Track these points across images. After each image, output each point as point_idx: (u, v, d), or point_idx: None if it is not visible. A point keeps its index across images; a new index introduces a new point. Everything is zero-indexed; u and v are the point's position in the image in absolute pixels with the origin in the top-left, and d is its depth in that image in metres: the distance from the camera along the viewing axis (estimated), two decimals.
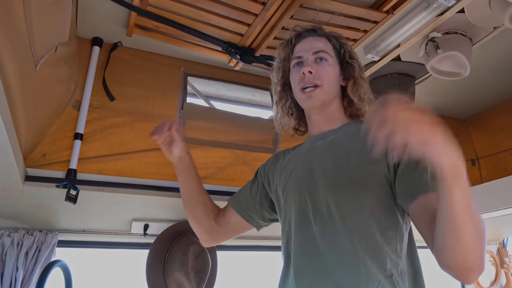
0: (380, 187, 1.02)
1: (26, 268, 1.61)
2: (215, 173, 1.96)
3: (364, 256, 0.96)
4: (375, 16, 1.65)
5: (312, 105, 1.18)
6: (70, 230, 1.83)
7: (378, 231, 0.99)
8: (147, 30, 1.76)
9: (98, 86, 1.82)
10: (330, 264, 0.98)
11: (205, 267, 1.84)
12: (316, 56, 1.18)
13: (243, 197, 1.36)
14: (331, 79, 1.17)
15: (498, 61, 2.23)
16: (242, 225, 1.34)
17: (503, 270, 3.09)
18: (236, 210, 1.34)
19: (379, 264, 0.96)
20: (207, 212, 1.32)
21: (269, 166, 1.35)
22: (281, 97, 1.31)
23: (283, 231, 1.18)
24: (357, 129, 1.16)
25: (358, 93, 1.20)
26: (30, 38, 1.08)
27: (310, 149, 1.21)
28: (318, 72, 1.15)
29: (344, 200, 1.03)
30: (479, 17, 1.68)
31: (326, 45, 1.22)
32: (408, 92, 2.19)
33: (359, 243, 0.97)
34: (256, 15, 1.61)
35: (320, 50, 1.19)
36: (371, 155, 1.03)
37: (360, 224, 1.00)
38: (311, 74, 1.15)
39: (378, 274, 0.94)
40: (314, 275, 1.00)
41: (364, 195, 1.02)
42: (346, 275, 0.96)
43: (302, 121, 1.33)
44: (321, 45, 1.21)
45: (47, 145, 1.64)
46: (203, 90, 2.27)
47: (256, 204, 1.33)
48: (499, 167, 2.76)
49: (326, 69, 1.17)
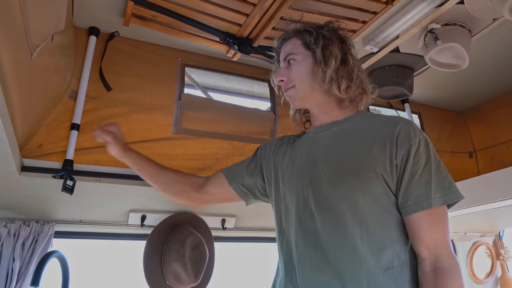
0: (381, 181, 1.02)
1: (22, 258, 1.61)
2: (213, 164, 1.96)
3: (364, 247, 0.97)
4: (374, 6, 1.64)
5: (293, 104, 1.23)
6: (67, 221, 1.83)
7: (380, 224, 1.00)
8: (144, 20, 1.74)
9: (94, 76, 1.80)
10: (331, 256, 0.99)
11: (202, 258, 1.84)
12: (286, 62, 1.22)
13: (238, 171, 1.37)
14: (301, 76, 1.18)
15: (496, 53, 2.22)
16: (229, 195, 1.37)
17: (499, 261, 3.11)
18: (228, 182, 1.35)
19: (380, 256, 0.97)
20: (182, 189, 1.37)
21: (271, 149, 1.34)
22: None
23: (279, 219, 1.17)
24: (363, 122, 1.14)
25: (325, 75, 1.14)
26: (25, 26, 1.06)
27: (313, 139, 1.20)
28: (289, 76, 1.19)
29: (347, 192, 1.03)
30: (478, 8, 1.67)
31: (293, 45, 1.22)
32: (406, 84, 2.19)
33: (361, 235, 0.98)
34: (254, 5, 1.60)
35: (287, 54, 1.22)
36: (374, 151, 1.04)
37: (362, 216, 1.00)
38: (284, 82, 1.20)
39: (378, 266, 0.96)
40: (317, 266, 1.01)
41: (367, 188, 1.01)
42: (347, 266, 0.97)
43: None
44: (288, 48, 1.22)
45: (44, 135, 1.63)
46: (200, 81, 2.25)
47: (250, 180, 1.34)
48: (496, 160, 2.76)
49: (295, 69, 1.19)
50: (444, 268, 0.94)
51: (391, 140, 1.03)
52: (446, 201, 0.99)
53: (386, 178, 1.02)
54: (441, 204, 0.98)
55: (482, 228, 3.01)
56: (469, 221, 2.63)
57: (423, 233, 0.97)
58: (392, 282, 0.95)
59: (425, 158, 1.01)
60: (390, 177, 1.02)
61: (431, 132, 2.77)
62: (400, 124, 1.05)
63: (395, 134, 1.03)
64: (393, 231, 1.01)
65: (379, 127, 1.08)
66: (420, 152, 1.01)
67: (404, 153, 1.01)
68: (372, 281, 0.94)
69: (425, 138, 1.04)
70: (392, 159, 1.02)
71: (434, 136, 2.78)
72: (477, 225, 2.89)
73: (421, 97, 2.75)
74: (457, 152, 2.86)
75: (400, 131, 1.03)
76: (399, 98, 2.32)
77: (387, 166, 1.02)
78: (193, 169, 1.90)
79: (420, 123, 2.75)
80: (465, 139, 2.95)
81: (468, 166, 2.87)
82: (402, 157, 1.01)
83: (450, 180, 1.02)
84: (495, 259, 3.13)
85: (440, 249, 0.96)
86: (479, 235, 3.06)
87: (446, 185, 1.00)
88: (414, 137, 1.02)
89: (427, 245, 0.97)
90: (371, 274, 0.95)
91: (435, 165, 1.02)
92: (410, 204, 1.00)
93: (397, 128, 1.04)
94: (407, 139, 1.02)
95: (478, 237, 3.06)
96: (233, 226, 2.15)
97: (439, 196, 0.99)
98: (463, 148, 2.91)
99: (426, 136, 1.05)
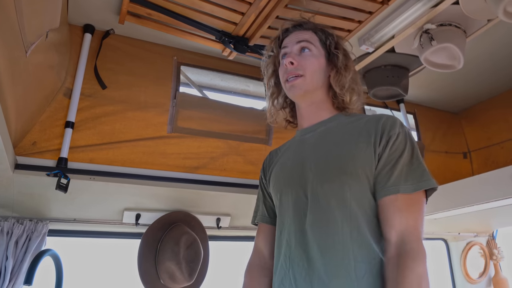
0: (369, 177, 1.05)
1: (16, 257, 1.60)
2: (208, 163, 1.96)
3: (354, 243, 0.98)
4: (370, 6, 1.64)
5: (294, 94, 1.20)
6: (61, 219, 1.82)
7: (369, 219, 1.02)
8: (140, 18, 1.74)
9: (89, 74, 1.79)
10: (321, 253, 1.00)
11: (196, 257, 1.84)
12: (300, 45, 1.21)
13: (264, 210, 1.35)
14: (314, 69, 1.19)
15: (491, 54, 2.23)
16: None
17: (492, 261, 3.13)
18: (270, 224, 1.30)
19: (369, 251, 0.98)
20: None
21: (266, 168, 1.36)
22: (273, 91, 1.35)
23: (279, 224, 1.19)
24: (347, 121, 1.18)
25: (341, 83, 1.21)
26: (19, 23, 1.05)
27: (300, 142, 1.23)
28: (301, 63, 1.18)
29: (336, 190, 1.05)
30: (473, 9, 1.68)
31: (312, 37, 1.24)
32: (402, 84, 2.19)
33: (350, 231, 1.00)
34: (250, 4, 1.60)
35: (303, 40, 1.22)
36: (361, 145, 1.06)
37: (351, 212, 1.01)
38: (293, 65, 1.18)
39: (366, 261, 0.97)
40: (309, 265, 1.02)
41: (355, 185, 1.04)
42: (336, 263, 0.98)
43: (295, 113, 1.35)
44: (306, 36, 1.23)
45: (38, 133, 1.62)
46: (196, 79, 2.25)
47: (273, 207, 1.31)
48: (490, 160, 2.78)
49: (309, 60, 1.19)
50: (408, 252, 0.94)
51: (375, 134, 1.07)
52: (416, 188, 1.00)
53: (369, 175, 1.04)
54: (411, 191, 1.00)
55: (476, 228, 3.02)
56: (463, 221, 2.64)
57: (392, 217, 0.99)
58: (379, 278, 0.96)
59: (401, 148, 1.04)
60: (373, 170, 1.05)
61: (426, 132, 2.78)
62: (383, 118, 1.10)
63: (379, 128, 1.07)
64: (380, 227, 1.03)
65: (363, 124, 1.12)
66: (398, 142, 1.05)
67: (384, 143, 1.05)
68: (360, 276, 0.95)
69: (405, 130, 1.08)
70: (376, 151, 1.05)
71: (429, 136, 2.80)
72: (471, 225, 2.90)
73: (416, 97, 2.76)
74: (451, 152, 2.87)
75: (383, 124, 1.08)
76: (394, 98, 2.32)
77: (373, 159, 1.05)
78: (188, 167, 1.90)
79: (415, 123, 2.76)
80: (460, 139, 2.97)
81: (462, 166, 2.88)
82: (382, 147, 1.05)
83: (423, 169, 1.04)
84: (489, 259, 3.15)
85: (408, 235, 0.96)
86: (473, 235, 3.08)
87: (418, 173, 1.02)
88: (394, 129, 1.07)
89: (395, 229, 0.98)
90: (358, 269, 0.96)
91: (409, 155, 1.04)
92: (381, 188, 1.02)
93: (380, 122, 1.09)
94: (388, 130, 1.06)
95: (472, 237, 3.08)
96: (228, 225, 2.14)
97: (410, 183, 1.01)
98: (457, 149, 2.92)
99: (407, 130, 1.09)
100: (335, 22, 1.72)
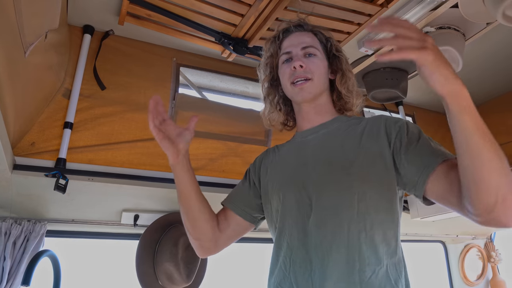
0: (377, 177, 1.04)
1: (13, 257, 1.60)
2: (206, 164, 1.96)
3: (361, 245, 0.97)
4: (370, 9, 1.65)
5: (303, 97, 1.20)
6: (59, 220, 1.82)
7: (376, 222, 1.00)
8: (139, 19, 1.74)
9: (88, 75, 1.79)
10: (326, 255, 0.99)
11: (195, 259, 1.84)
12: (305, 51, 1.21)
13: (237, 196, 1.33)
14: (321, 72, 1.20)
15: (490, 57, 2.24)
16: (241, 225, 1.28)
17: (490, 264, 3.14)
18: (233, 210, 1.29)
19: (376, 253, 0.97)
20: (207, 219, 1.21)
21: (258, 163, 1.34)
22: (269, 92, 1.34)
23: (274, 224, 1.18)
24: (348, 123, 1.19)
25: (346, 85, 1.24)
26: (19, 23, 1.05)
27: (302, 143, 1.22)
28: (308, 66, 1.18)
29: (341, 192, 1.04)
30: (472, 12, 1.68)
31: (313, 40, 1.25)
32: (401, 86, 2.20)
33: (356, 234, 0.98)
34: (249, 6, 1.60)
35: (308, 45, 1.22)
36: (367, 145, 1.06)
37: (357, 214, 1.00)
38: (302, 68, 1.17)
39: (372, 263, 0.96)
40: (312, 267, 1.00)
41: (361, 186, 1.03)
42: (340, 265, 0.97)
43: (290, 116, 1.35)
44: (308, 40, 1.24)
45: (36, 133, 1.62)
46: (195, 81, 2.25)
47: (251, 201, 1.29)
48: None
49: (317, 64, 1.20)
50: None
51: (385, 127, 1.08)
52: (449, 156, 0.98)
53: (378, 172, 1.04)
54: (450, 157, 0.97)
55: (474, 230, 3.03)
56: (461, 223, 2.64)
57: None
58: (385, 279, 0.96)
59: (417, 132, 1.05)
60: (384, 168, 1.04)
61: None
62: (384, 117, 1.12)
63: (381, 125, 1.09)
64: (388, 228, 1.01)
65: (364, 125, 1.14)
66: (410, 127, 1.06)
67: (396, 134, 1.05)
68: (364, 279, 0.94)
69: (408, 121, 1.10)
70: (390, 143, 1.05)
71: None
72: (469, 228, 2.91)
73: (415, 99, 2.76)
74: None
75: (386, 121, 1.10)
76: (393, 100, 2.33)
77: (386, 154, 1.05)
78: None
79: None
80: None
81: None
82: (395, 136, 1.05)
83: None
84: (486, 261, 3.16)
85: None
86: (471, 238, 3.08)
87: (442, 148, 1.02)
88: (399, 121, 1.09)
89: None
90: (363, 272, 0.95)
91: (425, 136, 1.05)
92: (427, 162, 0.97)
93: (382, 120, 1.11)
94: (394, 124, 1.08)
95: (470, 240, 3.08)
96: None
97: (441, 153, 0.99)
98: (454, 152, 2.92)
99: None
100: (335, 25, 1.72)
